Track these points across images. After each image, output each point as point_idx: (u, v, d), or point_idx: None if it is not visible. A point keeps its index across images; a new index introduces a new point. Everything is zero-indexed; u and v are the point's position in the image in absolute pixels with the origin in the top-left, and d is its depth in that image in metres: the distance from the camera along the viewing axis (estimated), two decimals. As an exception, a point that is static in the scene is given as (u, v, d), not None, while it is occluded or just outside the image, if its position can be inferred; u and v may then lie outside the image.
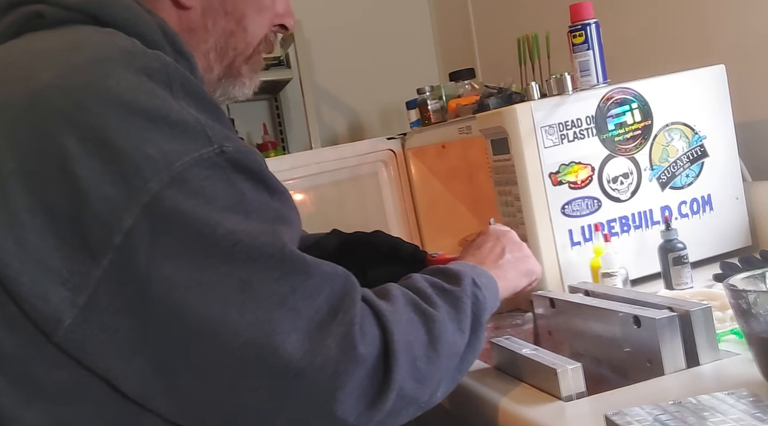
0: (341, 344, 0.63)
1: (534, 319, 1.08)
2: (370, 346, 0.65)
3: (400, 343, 0.66)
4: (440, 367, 0.71)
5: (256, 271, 0.62)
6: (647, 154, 1.23)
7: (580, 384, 0.78)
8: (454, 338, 0.73)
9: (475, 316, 0.77)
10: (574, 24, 1.21)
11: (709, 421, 0.63)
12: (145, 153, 0.60)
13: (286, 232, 0.66)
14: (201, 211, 0.61)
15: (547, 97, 1.20)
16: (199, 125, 0.63)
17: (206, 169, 0.62)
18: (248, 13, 0.84)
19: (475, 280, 0.80)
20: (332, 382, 0.62)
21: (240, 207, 0.64)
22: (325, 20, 2.60)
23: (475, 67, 2.39)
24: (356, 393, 0.64)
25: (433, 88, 1.69)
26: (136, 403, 0.63)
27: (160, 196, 0.59)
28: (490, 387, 0.87)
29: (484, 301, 0.79)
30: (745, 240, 1.29)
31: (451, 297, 0.76)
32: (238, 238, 0.61)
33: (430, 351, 0.70)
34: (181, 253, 0.60)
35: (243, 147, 0.67)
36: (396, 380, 0.65)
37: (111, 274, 0.59)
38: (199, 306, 0.60)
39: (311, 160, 1.64)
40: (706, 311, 0.81)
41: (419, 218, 1.76)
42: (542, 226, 1.17)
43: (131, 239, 0.59)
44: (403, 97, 1.88)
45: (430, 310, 0.72)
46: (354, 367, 0.63)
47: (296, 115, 2.62)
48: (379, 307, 0.68)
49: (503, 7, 2.29)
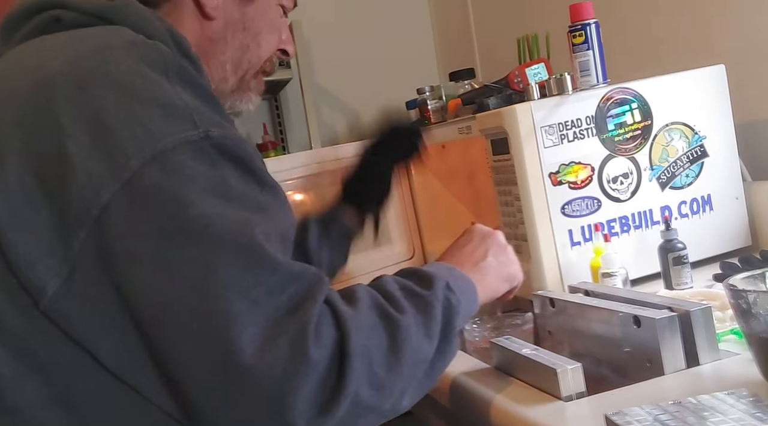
0: (293, 344, 0.61)
1: (534, 319, 1.08)
2: (323, 348, 0.63)
3: (356, 348, 0.64)
4: (402, 374, 0.68)
5: (222, 258, 0.62)
6: (647, 154, 1.23)
7: (580, 384, 0.79)
8: (420, 345, 0.70)
9: (447, 321, 0.74)
10: (574, 24, 1.21)
11: (709, 421, 0.63)
12: (132, 132, 0.63)
13: (264, 225, 0.65)
14: (178, 190, 0.62)
15: (547, 97, 1.20)
16: (187, 109, 0.66)
17: (190, 152, 0.64)
18: (263, 30, 0.90)
19: (449, 283, 0.78)
20: (281, 383, 0.61)
21: (220, 190, 0.64)
22: (325, 20, 2.60)
23: (475, 67, 2.39)
24: (307, 397, 0.61)
25: (433, 88, 1.69)
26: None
27: (140, 173, 0.62)
28: (490, 387, 0.87)
29: (457, 305, 0.76)
30: (745, 240, 1.29)
31: (421, 301, 0.73)
32: (210, 221, 0.62)
33: (391, 357, 0.67)
34: (152, 230, 0.61)
35: (233, 135, 0.68)
36: (349, 386, 0.63)
37: (88, 246, 0.62)
38: (162, 285, 0.61)
39: (311, 160, 1.64)
40: (706, 311, 0.81)
41: (419, 218, 1.75)
42: (542, 226, 1.17)
43: (108, 213, 0.61)
44: (403, 97, 1.87)
45: (396, 314, 0.70)
46: (305, 368, 0.61)
47: (296, 115, 2.62)
48: (340, 310, 0.66)
49: (503, 7, 2.29)
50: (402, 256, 1.73)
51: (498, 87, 1.38)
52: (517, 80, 1.33)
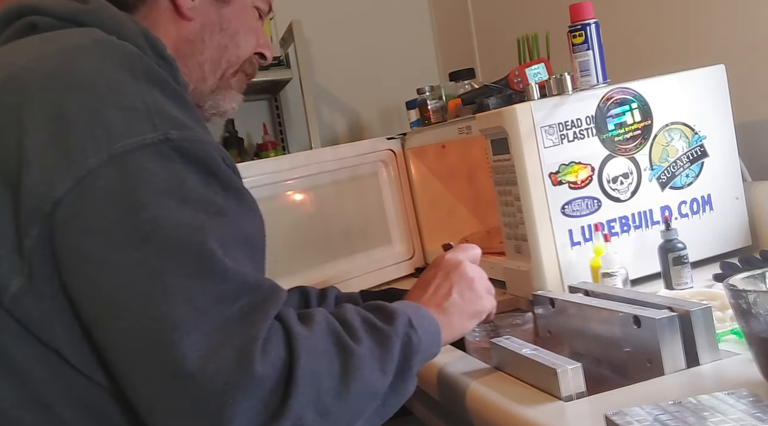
0: (238, 357, 0.60)
1: (534, 319, 1.08)
2: (270, 366, 0.61)
3: (305, 371, 0.63)
4: (350, 403, 0.67)
5: (169, 263, 0.61)
6: (647, 154, 1.23)
7: (580, 384, 0.78)
8: (372, 377, 0.69)
9: (404, 358, 0.73)
10: (574, 24, 1.21)
11: (709, 421, 0.63)
12: (91, 132, 0.63)
13: (221, 230, 0.64)
14: (131, 192, 0.62)
15: (547, 97, 1.20)
16: (148, 111, 0.66)
17: (148, 154, 0.64)
18: (240, 31, 0.92)
19: (411, 320, 0.77)
20: (221, 395, 0.59)
21: (176, 193, 0.64)
22: (325, 20, 2.60)
23: (475, 67, 2.40)
24: (247, 413, 0.60)
25: (433, 88, 1.69)
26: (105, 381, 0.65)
27: (95, 172, 0.62)
28: (490, 387, 0.87)
29: (417, 343, 0.75)
30: (745, 240, 1.29)
31: (380, 334, 0.72)
32: (159, 225, 0.61)
33: (341, 385, 0.66)
34: (100, 230, 0.61)
35: (195, 137, 0.67)
36: (293, 409, 0.62)
37: (41, 242, 0.62)
38: (107, 287, 0.61)
39: (311, 160, 1.64)
40: (706, 311, 0.81)
41: (419, 218, 1.76)
42: (542, 226, 1.17)
43: (59, 210, 0.62)
44: (403, 97, 1.88)
45: (351, 343, 0.69)
46: (247, 384, 0.60)
47: (296, 115, 2.62)
48: (293, 331, 0.65)
49: (503, 7, 2.29)
50: (402, 256, 1.74)
51: (498, 87, 1.38)
52: (517, 80, 1.33)
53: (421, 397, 1.14)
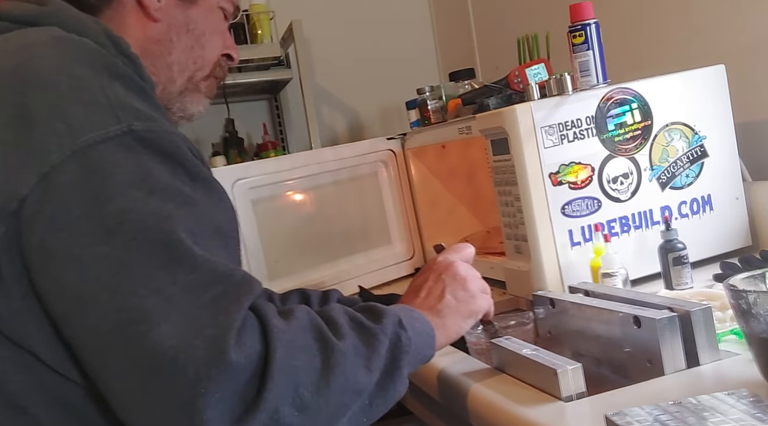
0: (210, 347, 0.59)
1: (534, 319, 1.08)
2: (244, 357, 0.60)
3: (281, 364, 0.62)
4: (330, 399, 0.65)
5: (137, 254, 0.60)
6: (647, 155, 1.23)
7: (580, 384, 0.78)
8: (356, 374, 0.68)
9: (393, 357, 0.72)
10: (574, 24, 1.21)
11: (710, 421, 0.63)
12: (53, 128, 0.62)
13: (189, 219, 0.64)
14: (96, 186, 0.62)
15: (547, 97, 1.20)
16: (110, 105, 0.65)
17: (112, 147, 0.63)
18: (206, 32, 0.93)
19: (402, 320, 0.76)
20: (193, 385, 0.58)
21: (142, 183, 0.63)
22: (325, 20, 2.60)
23: (475, 67, 2.40)
24: (220, 405, 0.59)
25: (433, 88, 1.69)
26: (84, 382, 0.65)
27: (59, 168, 0.61)
28: (490, 387, 0.87)
29: (407, 343, 0.74)
30: (745, 240, 1.29)
31: (366, 332, 0.71)
32: (125, 217, 0.61)
33: (320, 381, 0.65)
34: (66, 226, 0.61)
35: (160, 128, 0.67)
36: (269, 401, 0.60)
37: (8, 242, 0.62)
38: (76, 282, 0.60)
39: (311, 160, 1.64)
40: (706, 311, 0.81)
41: (419, 218, 1.76)
42: (542, 226, 1.17)
43: (25, 207, 0.61)
44: (403, 97, 1.88)
45: (333, 339, 0.68)
46: (220, 374, 0.58)
47: (296, 115, 2.62)
48: (270, 323, 0.64)
49: (503, 7, 2.29)
50: (402, 256, 1.74)
51: (498, 87, 1.38)
52: (517, 80, 1.33)
53: (421, 397, 1.14)
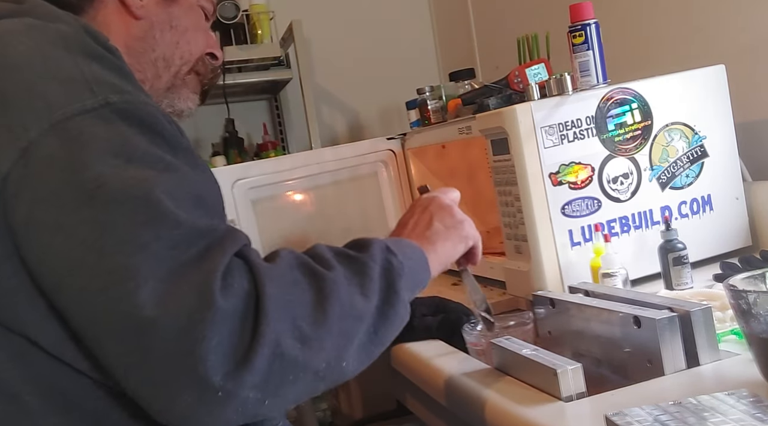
0: (198, 293, 0.59)
1: (534, 319, 1.08)
2: (233, 297, 0.60)
3: (272, 298, 0.62)
4: (331, 328, 0.65)
5: (119, 215, 0.61)
6: (647, 155, 1.23)
7: (580, 384, 0.78)
8: (352, 300, 0.68)
9: (388, 282, 0.72)
10: (574, 24, 1.21)
11: (710, 421, 0.63)
12: (30, 106, 0.64)
13: (169, 183, 0.64)
14: (74, 156, 0.62)
15: (547, 97, 1.20)
16: (85, 80, 0.66)
17: (88, 119, 0.64)
18: (189, 29, 0.95)
19: (389, 246, 0.76)
20: (189, 333, 0.58)
21: (120, 151, 0.64)
22: (325, 20, 2.60)
23: (475, 67, 2.40)
24: (220, 349, 0.58)
25: (433, 88, 1.69)
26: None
27: (37, 142, 0.62)
28: (490, 387, 0.87)
29: (399, 267, 0.74)
30: (745, 240, 1.29)
31: (354, 262, 0.72)
32: (103, 181, 0.61)
33: (317, 311, 0.65)
34: (48, 197, 0.61)
35: (138, 100, 0.68)
36: (267, 335, 0.60)
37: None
38: (63, 249, 0.61)
39: (311, 160, 1.64)
40: (706, 311, 0.81)
41: (419, 218, 1.75)
42: (542, 226, 1.17)
43: (7, 184, 0.62)
44: (403, 97, 1.87)
45: (322, 270, 0.68)
46: (212, 316, 0.58)
47: (296, 115, 2.62)
48: (255, 263, 0.64)
49: (503, 7, 2.29)
50: (402, 256, 1.73)
51: (498, 87, 1.38)
52: (517, 80, 1.33)
53: (421, 397, 1.14)
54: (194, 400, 0.59)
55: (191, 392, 0.59)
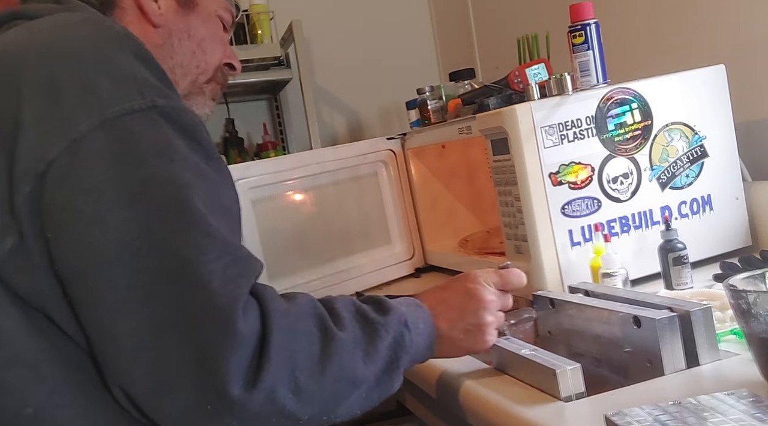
0: (222, 315, 0.62)
1: (534, 319, 1.08)
2: (248, 331, 0.63)
3: (277, 346, 0.65)
4: (325, 387, 0.68)
5: (157, 220, 0.64)
6: (647, 155, 1.23)
7: (579, 384, 0.78)
8: (354, 365, 0.70)
9: (394, 355, 0.74)
10: (574, 24, 1.21)
11: (709, 421, 0.62)
12: (83, 99, 0.67)
13: (203, 192, 0.67)
14: (121, 153, 0.66)
15: (547, 97, 1.20)
16: (136, 82, 0.70)
17: (137, 118, 0.68)
18: (207, 37, 0.98)
19: (407, 320, 0.77)
20: (208, 347, 0.61)
21: (164, 152, 0.67)
22: (325, 20, 2.60)
23: (475, 67, 2.39)
24: (232, 369, 0.62)
25: (433, 88, 1.69)
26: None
27: (87, 135, 0.66)
28: (490, 387, 0.87)
29: (410, 345, 0.76)
30: (745, 240, 1.29)
31: (369, 326, 0.73)
32: (147, 186, 0.65)
33: (316, 366, 0.67)
34: (92, 189, 0.65)
35: (180, 106, 0.72)
36: (266, 381, 0.63)
37: (31, 201, 0.65)
38: (99, 242, 0.64)
39: (311, 160, 1.64)
40: (706, 311, 0.81)
41: (419, 218, 1.75)
42: (542, 226, 1.17)
43: (52, 169, 0.65)
44: (403, 97, 1.87)
45: (334, 328, 0.70)
46: (231, 340, 0.62)
47: (296, 115, 2.62)
48: (268, 306, 0.66)
49: (503, 7, 2.29)
50: (402, 256, 1.74)
51: (498, 87, 1.38)
52: (517, 80, 1.33)
53: (421, 397, 1.14)
54: (189, 404, 0.63)
55: (191, 396, 0.62)
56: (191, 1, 0.96)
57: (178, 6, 0.95)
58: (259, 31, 2.29)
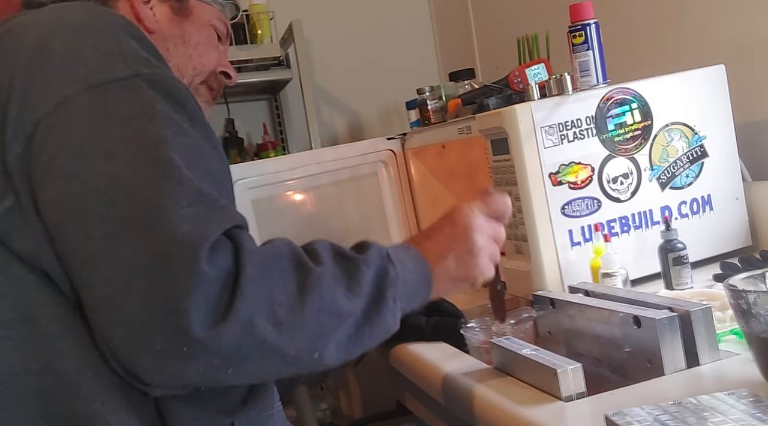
0: (185, 255, 0.63)
1: (534, 319, 1.08)
2: (215, 269, 0.64)
3: (251, 280, 0.65)
4: (307, 319, 0.68)
5: (131, 172, 0.67)
6: (647, 155, 1.23)
7: (580, 384, 0.78)
8: (335, 297, 0.70)
9: (378, 288, 0.74)
10: (574, 24, 1.21)
11: (710, 421, 0.63)
12: (71, 67, 0.72)
13: (182, 148, 0.70)
14: (103, 115, 0.70)
15: (547, 97, 1.20)
16: (122, 54, 0.74)
17: (121, 86, 0.72)
18: (202, 43, 1.01)
19: (389, 254, 0.77)
20: (174, 285, 0.62)
21: (144, 113, 0.71)
22: (325, 20, 2.60)
23: (475, 67, 2.40)
24: (196, 309, 0.62)
25: (433, 88, 1.69)
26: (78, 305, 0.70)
27: (72, 98, 0.70)
28: (490, 387, 0.87)
29: (395, 277, 0.75)
30: (745, 240, 1.29)
31: (348, 262, 0.74)
32: (126, 145, 0.68)
33: (296, 300, 0.67)
34: (72, 147, 0.69)
35: (167, 75, 0.76)
36: (240, 311, 0.63)
37: (21, 161, 0.69)
38: (77, 194, 0.67)
39: (311, 160, 1.64)
40: (706, 311, 0.81)
41: (419, 218, 1.75)
42: (542, 226, 1.17)
43: (38, 130, 0.69)
44: (403, 97, 1.87)
45: (310, 264, 0.70)
46: (191, 280, 0.62)
47: (296, 115, 2.62)
48: (243, 246, 0.67)
49: (503, 7, 2.29)
50: (402, 256, 1.73)
51: (498, 87, 1.38)
52: (517, 80, 1.33)
53: (421, 397, 1.14)
54: (162, 349, 0.63)
55: (162, 340, 0.63)
56: (186, 9, 1.00)
57: (173, 13, 0.98)
58: (259, 31, 2.29)
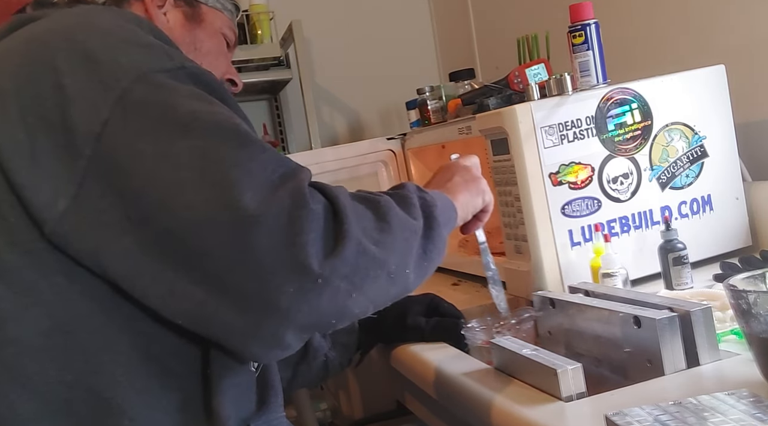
0: (293, 196, 0.67)
1: (534, 319, 1.08)
2: (318, 203, 0.68)
3: (346, 206, 0.70)
4: (396, 235, 0.73)
5: (214, 142, 0.69)
6: (647, 155, 1.23)
7: (580, 384, 0.78)
8: (405, 217, 0.76)
9: (426, 211, 0.79)
10: (574, 24, 1.21)
11: (710, 421, 0.63)
12: (118, 62, 0.73)
13: (240, 122, 0.72)
14: (164, 98, 0.71)
15: (547, 97, 1.20)
16: (162, 48, 0.76)
17: (169, 75, 0.73)
18: (212, 51, 1.05)
19: (419, 187, 0.84)
20: (289, 227, 0.66)
21: (200, 98, 0.73)
22: (325, 20, 2.60)
23: (475, 67, 2.40)
24: (316, 241, 0.66)
25: (433, 88, 1.69)
26: (131, 303, 0.71)
27: (129, 89, 0.71)
28: (490, 387, 0.87)
29: (432, 202, 0.81)
30: (745, 240, 1.29)
31: (396, 195, 0.80)
32: (196, 116, 0.70)
33: (381, 223, 0.73)
34: (149, 132, 0.70)
35: (205, 70, 0.78)
36: (351, 231, 0.68)
37: (94, 161, 0.69)
38: (168, 173, 0.68)
39: (311, 160, 1.64)
40: (706, 311, 0.81)
41: (419, 218, 1.75)
42: (542, 226, 1.17)
43: (108, 128, 0.69)
44: (403, 97, 1.88)
45: (373, 196, 0.77)
46: (308, 214, 0.67)
47: (296, 115, 2.62)
48: (325, 186, 0.72)
49: (503, 7, 2.29)
50: (402, 256, 1.73)
51: (498, 87, 1.38)
52: (517, 80, 1.33)
53: (421, 397, 1.14)
54: (296, 290, 0.66)
55: (293, 281, 0.65)
56: (198, 15, 1.02)
57: (186, 20, 1.01)
58: (259, 31, 2.29)
